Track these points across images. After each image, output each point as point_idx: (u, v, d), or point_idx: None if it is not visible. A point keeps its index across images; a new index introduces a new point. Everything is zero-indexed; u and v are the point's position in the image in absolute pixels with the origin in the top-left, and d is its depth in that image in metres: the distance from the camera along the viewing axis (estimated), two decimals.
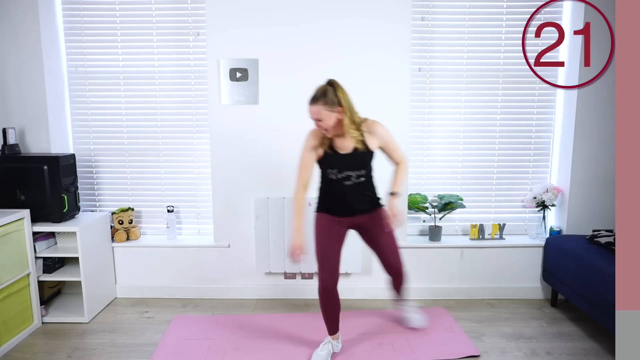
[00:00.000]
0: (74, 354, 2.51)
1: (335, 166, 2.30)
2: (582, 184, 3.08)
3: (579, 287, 2.65)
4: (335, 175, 2.31)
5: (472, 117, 3.21)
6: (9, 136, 2.92)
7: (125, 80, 3.18)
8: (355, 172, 2.30)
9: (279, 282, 3.22)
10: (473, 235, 3.22)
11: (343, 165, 2.29)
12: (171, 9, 3.10)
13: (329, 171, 2.32)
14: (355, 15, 2.95)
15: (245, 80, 3.01)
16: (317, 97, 2.20)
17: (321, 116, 2.19)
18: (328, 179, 2.35)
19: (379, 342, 2.58)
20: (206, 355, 2.45)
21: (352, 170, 2.29)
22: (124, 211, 3.21)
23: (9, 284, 2.57)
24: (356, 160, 2.29)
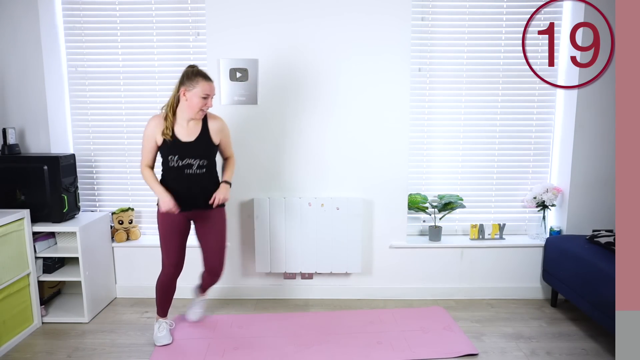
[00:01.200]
0: (74, 354, 2.51)
1: (177, 152, 2.35)
2: (582, 184, 3.08)
3: (579, 287, 2.65)
4: (176, 163, 2.35)
5: (472, 117, 3.21)
6: (9, 136, 2.92)
7: (125, 80, 3.18)
8: (197, 160, 2.37)
9: (279, 282, 3.22)
10: (473, 235, 3.22)
11: (185, 152, 2.35)
12: (171, 9, 3.10)
13: (170, 157, 2.36)
14: (355, 15, 2.95)
15: (245, 80, 3.01)
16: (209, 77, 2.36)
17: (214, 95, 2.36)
18: (169, 168, 2.39)
19: (377, 341, 2.58)
20: (205, 355, 2.45)
21: (193, 158, 2.36)
22: (124, 211, 3.21)
23: (9, 284, 2.57)
24: (198, 147, 2.37)
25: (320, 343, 2.56)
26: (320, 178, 3.10)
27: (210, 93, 2.32)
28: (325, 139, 3.07)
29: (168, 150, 2.36)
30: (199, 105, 2.31)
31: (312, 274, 3.19)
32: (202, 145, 2.38)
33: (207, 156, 2.41)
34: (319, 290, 3.21)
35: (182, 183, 2.40)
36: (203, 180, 2.42)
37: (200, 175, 2.40)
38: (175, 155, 2.35)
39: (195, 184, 2.40)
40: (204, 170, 2.40)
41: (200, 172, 2.39)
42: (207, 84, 2.31)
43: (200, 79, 2.30)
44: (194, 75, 2.31)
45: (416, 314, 2.91)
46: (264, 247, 3.07)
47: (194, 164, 2.36)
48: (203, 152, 2.39)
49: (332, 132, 3.06)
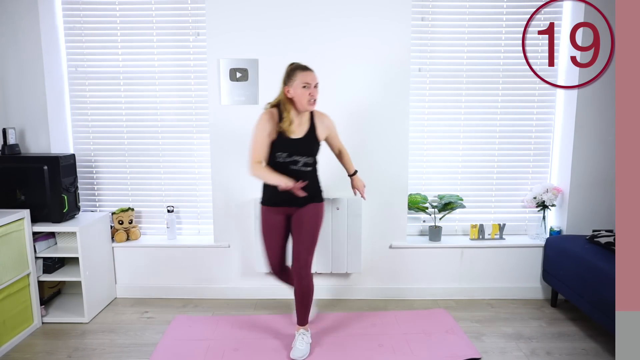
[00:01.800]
0: (74, 354, 2.51)
1: (285, 149, 2.36)
2: (582, 184, 3.08)
3: (579, 287, 2.65)
4: (283, 159, 2.37)
5: (472, 117, 3.21)
6: (9, 136, 2.92)
7: (125, 80, 3.18)
8: (303, 158, 2.38)
9: (279, 282, 3.21)
10: (473, 235, 3.22)
11: (293, 149, 2.36)
12: (171, 9, 3.10)
13: (278, 154, 2.37)
14: (355, 15, 2.95)
15: (245, 80, 3.01)
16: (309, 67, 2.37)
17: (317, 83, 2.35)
18: (275, 163, 2.40)
19: (378, 344, 2.57)
20: (205, 355, 2.45)
21: (300, 155, 2.37)
22: (124, 211, 3.21)
23: (9, 284, 2.57)
24: (305, 145, 2.39)
25: (320, 345, 2.55)
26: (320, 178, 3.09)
27: (309, 81, 2.31)
28: None
29: (278, 147, 2.37)
30: (304, 95, 2.31)
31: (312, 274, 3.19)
32: (309, 142, 2.40)
33: (313, 154, 2.43)
34: (319, 290, 3.20)
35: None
36: (307, 177, 2.40)
37: (305, 173, 2.41)
38: (284, 152, 2.36)
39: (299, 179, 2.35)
40: (309, 169, 2.43)
41: (306, 170, 2.41)
42: (304, 73, 2.32)
43: (298, 71, 2.33)
44: (291, 71, 2.34)
45: (419, 317, 2.91)
46: None
47: (300, 161, 2.39)
48: (310, 149, 2.41)
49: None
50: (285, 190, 2.31)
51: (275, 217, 2.50)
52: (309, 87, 2.31)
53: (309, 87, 2.31)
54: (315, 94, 2.34)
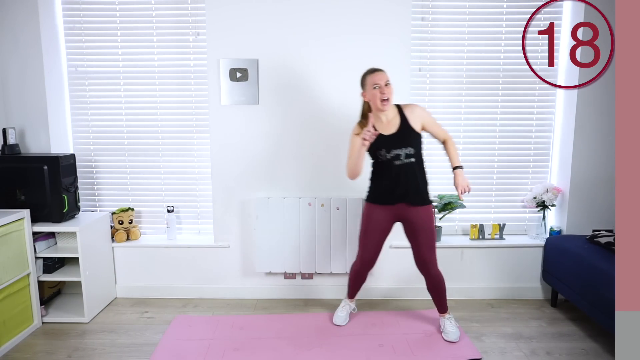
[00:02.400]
0: (74, 354, 2.51)
1: (383, 146, 2.42)
2: (582, 184, 3.08)
3: (579, 287, 2.65)
4: (384, 156, 2.44)
5: (472, 117, 3.21)
6: (9, 136, 2.92)
7: (125, 80, 3.18)
8: (403, 150, 2.42)
9: (279, 282, 3.22)
10: (473, 235, 3.22)
11: (390, 144, 2.42)
12: (171, 9, 3.10)
13: (378, 153, 2.45)
14: (355, 15, 2.95)
15: (245, 80, 3.01)
16: (379, 68, 2.45)
17: (389, 81, 2.41)
18: (379, 164, 2.48)
19: (379, 344, 2.57)
20: (205, 355, 2.45)
21: (399, 148, 2.42)
22: (124, 211, 3.21)
23: (9, 284, 2.57)
24: (401, 137, 2.43)
25: (320, 345, 2.55)
26: (320, 178, 3.10)
27: (378, 82, 2.38)
28: (326, 139, 3.07)
29: (376, 146, 2.43)
30: (376, 96, 2.38)
31: (312, 274, 3.19)
32: (404, 133, 2.44)
33: (412, 144, 2.44)
34: (319, 290, 3.21)
35: (393, 174, 2.45)
36: (413, 170, 2.45)
37: (410, 165, 2.44)
38: (382, 149, 2.43)
39: (406, 173, 2.45)
40: (413, 160, 2.44)
41: (409, 162, 2.44)
42: (371, 75, 2.42)
43: (367, 75, 2.44)
44: (362, 78, 2.47)
45: (419, 317, 2.90)
46: (264, 247, 3.07)
47: (402, 154, 2.42)
48: (407, 140, 2.43)
49: (332, 132, 3.05)
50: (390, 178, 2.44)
51: (384, 218, 2.54)
52: (379, 87, 2.38)
53: (379, 87, 2.38)
54: (387, 91, 2.39)
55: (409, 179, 2.46)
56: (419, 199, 2.50)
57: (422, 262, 2.59)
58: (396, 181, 2.46)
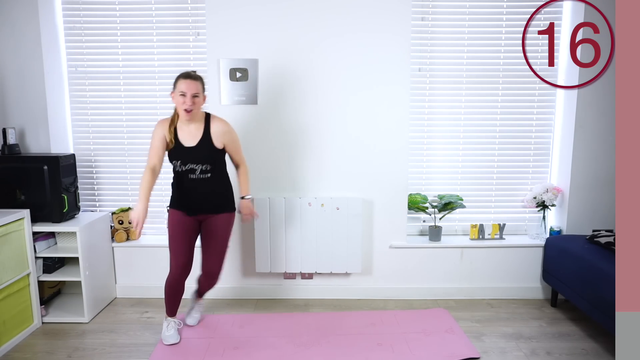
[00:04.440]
0: (74, 354, 2.51)
1: (179, 157, 2.34)
2: (582, 184, 3.08)
3: (579, 287, 2.65)
4: (180, 168, 2.36)
5: (472, 117, 3.21)
6: (9, 136, 2.92)
7: (125, 80, 3.18)
8: (200, 165, 2.34)
9: (279, 282, 3.22)
10: (473, 235, 3.22)
11: (187, 157, 2.34)
12: (171, 9, 3.10)
13: (174, 163, 2.37)
14: (355, 15, 2.95)
15: (245, 80, 3.01)
16: (196, 75, 2.33)
17: (199, 93, 2.29)
18: (175, 172, 2.41)
19: (378, 343, 2.57)
20: (205, 354, 2.45)
21: (196, 163, 2.33)
22: (124, 211, 3.21)
23: (9, 284, 2.57)
24: (199, 152, 2.33)
25: (320, 344, 2.55)
26: (320, 178, 3.10)
27: (186, 90, 2.25)
28: (325, 139, 3.07)
29: (172, 155, 2.38)
30: (179, 104, 2.29)
31: (312, 274, 3.19)
32: (203, 149, 2.35)
33: (210, 161, 2.37)
34: (319, 290, 3.21)
35: (186, 188, 2.40)
36: (208, 185, 2.39)
37: (205, 180, 2.37)
38: (178, 160, 2.36)
39: (199, 189, 2.38)
40: (209, 175, 2.37)
41: (205, 177, 2.37)
42: (183, 81, 2.27)
43: (179, 79, 2.30)
44: (176, 78, 2.33)
45: (418, 316, 2.91)
46: (264, 247, 3.07)
47: (197, 169, 2.34)
48: (205, 157, 2.35)
49: (332, 132, 3.06)
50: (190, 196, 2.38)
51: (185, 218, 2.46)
52: (185, 96, 2.26)
53: (185, 96, 2.26)
54: (190, 102, 2.25)
55: (204, 193, 2.39)
56: (215, 209, 2.44)
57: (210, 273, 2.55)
58: (190, 194, 2.39)
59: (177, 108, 2.33)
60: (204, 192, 2.40)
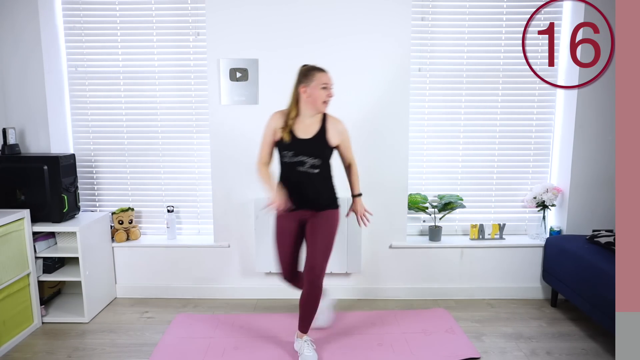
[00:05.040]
0: (74, 354, 2.51)
1: (292, 148, 2.34)
2: (582, 184, 3.08)
3: (579, 287, 2.65)
4: (289, 159, 2.35)
5: (472, 117, 3.21)
6: (9, 136, 2.92)
7: (125, 80, 3.18)
8: (310, 158, 2.33)
9: (279, 282, 3.21)
10: (473, 235, 3.22)
11: (300, 150, 2.34)
12: (171, 9, 3.10)
13: (284, 153, 2.36)
14: (355, 15, 2.95)
15: (245, 80, 3.01)
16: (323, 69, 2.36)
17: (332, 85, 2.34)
18: (283, 163, 2.39)
19: (378, 343, 2.57)
20: (206, 354, 2.45)
21: (307, 155, 2.33)
22: (124, 211, 3.21)
23: (9, 284, 2.57)
24: (313, 146, 2.34)
25: (320, 344, 2.55)
26: None
27: (328, 82, 2.34)
28: None
29: (285, 145, 2.37)
30: (320, 96, 2.32)
31: None
32: (317, 143, 2.36)
33: (321, 156, 2.37)
34: None
35: (293, 180, 2.38)
36: (314, 180, 2.38)
37: (312, 175, 2.36)
38: (291, 151, 2.35)
39: (305, 182, 2.37)
40: (317, 171, 2.36)
41: (312, 172, 2.36)
42: (323, 75, 2.34)
43: (316, 72, 2.34)
44: (309, 71, 2.35)
45: (418, 316, 2.90)
46: (264, 247, 3.07)
47: (307, 162, 2.34)
48: (318, 150, 2.36)
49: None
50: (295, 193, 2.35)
51: (288, 222, 2.44)
52: (327, 88, 2.33)
53: (327, 88, 2.33)
54: (332, 94, 2.35)
55: (311, 187, 2.37)
56: (321, 205, 2.41)
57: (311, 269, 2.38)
58: (296, 187, 2.37)
59: (315, 102, 2.32)
60: (309, 186, 2.38)
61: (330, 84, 2.34)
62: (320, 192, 2.40)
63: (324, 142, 2.37)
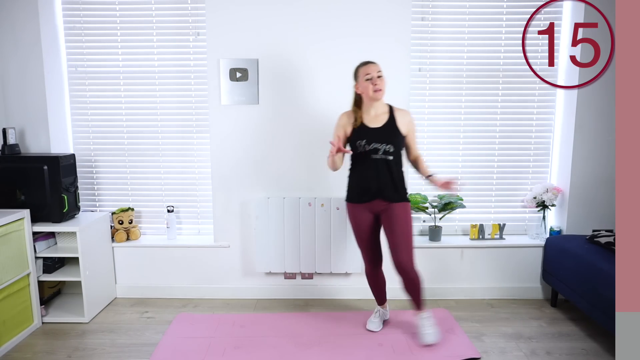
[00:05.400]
0: (74, 354, 2.51)
1: (364, 137, 2.43)
2: (582, 184, 3.08)
3: (579, 287, 2.65)
4: (363, 148, 2.43)
5: (472, 117, 3.21)
6: (9, 136, 2.92)
7: (125, 80, 3.18)
8: (383, 145, 2.41)
9: (279, 282, 3.22)
10: (473, 235, 3.22)
11: (372, 137, 2.43)
12: (171, 9, 3.10)
13: (358, 143, 2.44)
14: (355, 15, 2.95)
15: (245, 80, 3.01)
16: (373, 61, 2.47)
17: (381, 72, 2.43)
18: (357, 155, 2.47)
19: (378, 343, 2.57)
20: (206, 353, 2.46)
21: (380, 142, 2.42)
22: (124, 211, 3.21)
23: (9, 284, 2.57)
24: (385, 133, 2.43)
25: (320, 344, 2.55)
26: (320, 178, 3.10)
27: (370, 72, 2.41)
28: (326, 139, 3.06)
29: (357, 136, 2.46)
30: (368, 87, 2.41)
31: (312, 274, 3.19)
32: (388, 130, 2.45)
33: (393, 142, 2.43)
34: (319, 290, 3.21)
35: (369, 168, 2.45)
36: (388, 167, 2.44)
37: (386, 162, 2.43)
38: (363, 139, 2.43)
39: (381, 170, 2.44)
40: (390, 158, 2.43)
41: (386, 158, 2.43)
42: (364, 67, 2.45)
43: (359, 67, 2.47)
44: (355, 69, 2.50)
45: None
46: (264, 247, 3.07)
47: (380, 149, 2.42)
48: (389, 137, 2.43)
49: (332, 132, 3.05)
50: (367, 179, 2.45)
51: (364, 214, 2.53)
52: (372, 78, 2.40)
53: (372, 78, 2.40)
54: (379, 82, 2.40)
55: (384, 174, 2.44)
56: (395, 196, 2.47)
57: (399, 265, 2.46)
58: (371, 176, 2.44)
59: (367, 92, 2.43)
60: (384, 173, 2.44)
61: (372, 73, 2.41)
62: (395, 180, 2.47)
63: (394, 128, 2.45)
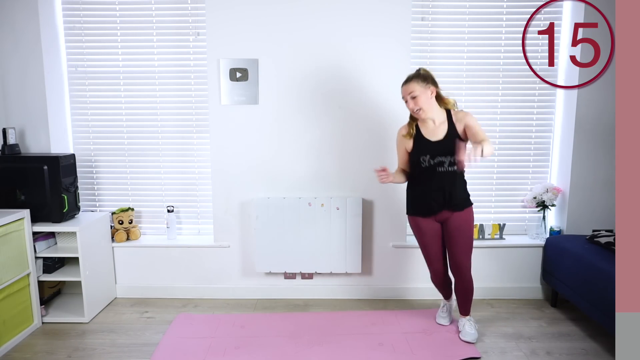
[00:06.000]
0: (74, 354, 2.51)
1: (427, 152, 2.40)
2: (582, 184, 3.08)
3: (579, 287, 2.65)
4: (427, 162, 2.41)
5: None
6: (9, 136, 2.92)
7: (125, 80, 3.18)
8: (448, 157, 2.39)
9: (279, 282, 3.22)
10: None
11: (435, 151, 2.40)
12: (171, 9, 3.10)
13: (422, 158, 2.42)
14: (354, 15, 2.95)
15: (245, 80, 3.01)
16: (410, 77, 2.43)
17: (415, 92, 2.36)
18: (421, 170, 2.44)
19: (379, 343, 2.58)
20: (207, 353, 2.46)
21: (444, 155, 2.39)
22: (124, 211, 3.21)
23: (9, 284, 2.57)
24: (448, 145, 2.39)
25: (320, 344, 2.55)
26: (320, 178, 3.10)
27: (403, 95, 2.41)
28: (325, 139, 3.07)
29: (419, 151, 2.43)
30: (409, 108, 2.42)
31: (312, 274, 3.19)
32: (450, 141, 2.40)
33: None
34: (319, 290, 3.21)
35: (435, 182, 2.43)
36: (454, 178, 2.43)
37: (452, 173, 2.42)
38: (427, 155, 2.41)
39: (447, 182, 2.42)
40: (455, 168, 2.41)
41: (452, 170, 2.41)
42: (401, 89, 2.44)
43: (401, 88, 2.44)
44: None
45: (419, 316, 2.90)
46: (264, 247, 3.07)
47: (445, 162, 2.40)
48: (452, 149, 2.39)
49: (332, 132, 3.06)
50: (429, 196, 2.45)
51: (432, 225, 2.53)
52: (407, 102, 2.40)
53: (407, 102, 2.40)
54: (413, 104, 2.37)
55: (450, 186, 2.43)
56: (458, 205, 2.47)
57: (456, 268, 2.57)
58: (439, 188, 2.43)
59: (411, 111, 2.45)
60: (451, 184, 2.43)
61: (404, 96, 2.41)
62: (460, 190, 2.47)
63: (456, 138, 2.40)
